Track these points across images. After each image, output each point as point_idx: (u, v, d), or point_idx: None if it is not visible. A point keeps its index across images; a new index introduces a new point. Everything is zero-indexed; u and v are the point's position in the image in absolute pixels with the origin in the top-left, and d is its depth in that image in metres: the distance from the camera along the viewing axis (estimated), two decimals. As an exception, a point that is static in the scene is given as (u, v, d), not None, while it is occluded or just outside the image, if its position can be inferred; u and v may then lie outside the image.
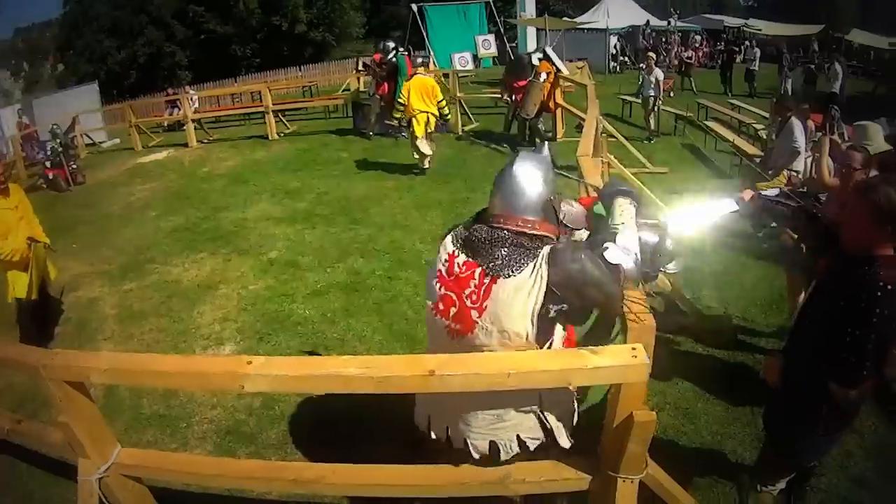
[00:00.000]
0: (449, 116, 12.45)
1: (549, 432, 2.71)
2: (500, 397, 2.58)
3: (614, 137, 11.33)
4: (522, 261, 2.47)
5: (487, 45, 27.38)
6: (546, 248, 2.50)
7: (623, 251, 2.60)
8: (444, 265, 2.64)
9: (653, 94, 14.50)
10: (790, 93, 18.24)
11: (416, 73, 11.54)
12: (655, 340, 2.65)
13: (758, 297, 6.41)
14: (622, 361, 2.37)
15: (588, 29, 27.84)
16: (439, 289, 2.63)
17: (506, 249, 2.50)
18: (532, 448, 2.72)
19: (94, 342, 6.53)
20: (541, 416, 2.67)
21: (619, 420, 2.57)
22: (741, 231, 8.02)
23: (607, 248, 2.60)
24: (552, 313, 2.47)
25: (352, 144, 14.92)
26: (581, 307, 2.57)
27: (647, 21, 31.80)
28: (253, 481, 3.30)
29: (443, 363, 2.43)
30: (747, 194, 3.51)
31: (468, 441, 2.75)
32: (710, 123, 13.94)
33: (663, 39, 31.31)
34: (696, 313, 6.15)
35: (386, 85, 13.93)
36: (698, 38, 32.23)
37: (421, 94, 11.11)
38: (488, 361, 2.46)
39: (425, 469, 2.94)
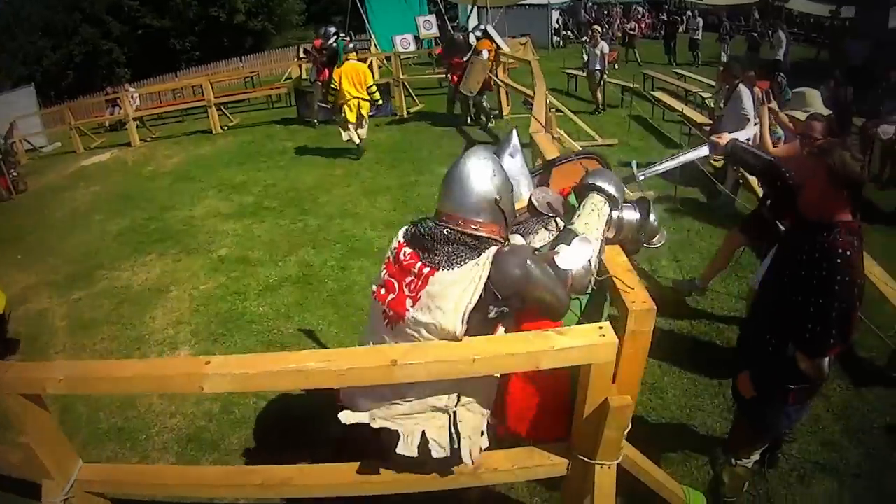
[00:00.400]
0: (380, 102, 12.47)
1: (454, 441, 2.60)
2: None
3: (561, 112, 11.35)
4: (464, 257, 2.46)
5: (429, 26, 27.11)
6: (492, 249, 2.48)
7: (575, 256, 2.57)
8: (392, 252, 2.65)
9: (598, 67, 14.57)
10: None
11: (347, 59, 11.53)
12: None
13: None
14: (590, 341, 2.33)
15: (529, 5, 27.84)
16: (385, 274, 2.64)
17: (449, 246, 2.50)
18: (435, 457, 2.59)
19: (46, 356, 6.24)
20: (452, 416, 2.60)
21: (591, 405, 2.52)
22: (694, 200, 8.11)
23: (559, 252, 2.57)
24: (492, 314, 2.46)
25: (297, 134, 14.79)
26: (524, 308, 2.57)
27: (589, -6, 31.98)
28: (220, 489, 3.21)
29: (405, 353, 2.39)
30: (724, 137, 3.51)
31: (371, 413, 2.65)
32: (657, 94, 14.08)
33: (605, 12, 31.55)
34: (655, 286, 6.17)
35: (327, 71, 13.68)
36: (640, 9, 32.47)
37: (352, 79, 11.18)
38: (453, 348, 2.40)
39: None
